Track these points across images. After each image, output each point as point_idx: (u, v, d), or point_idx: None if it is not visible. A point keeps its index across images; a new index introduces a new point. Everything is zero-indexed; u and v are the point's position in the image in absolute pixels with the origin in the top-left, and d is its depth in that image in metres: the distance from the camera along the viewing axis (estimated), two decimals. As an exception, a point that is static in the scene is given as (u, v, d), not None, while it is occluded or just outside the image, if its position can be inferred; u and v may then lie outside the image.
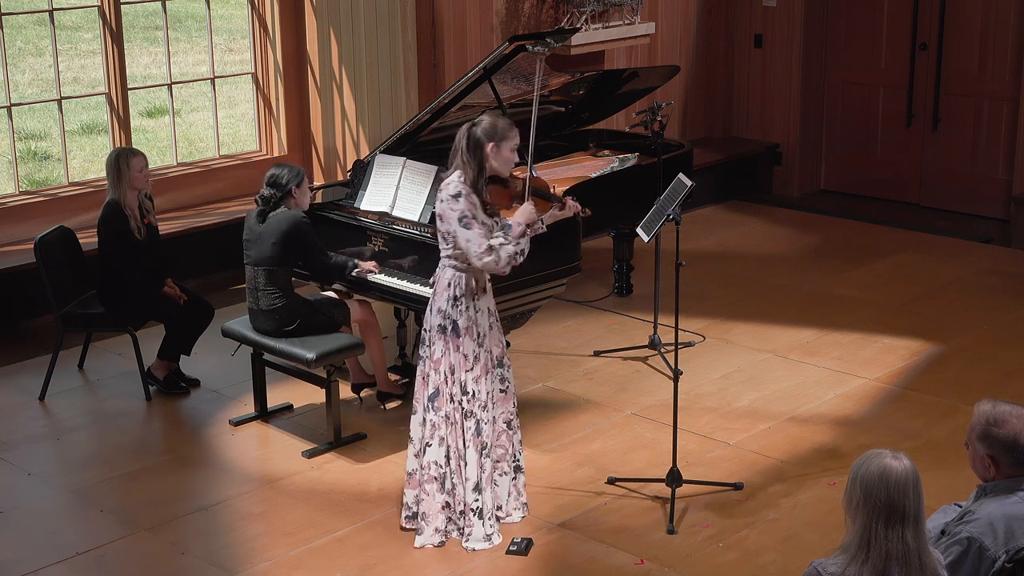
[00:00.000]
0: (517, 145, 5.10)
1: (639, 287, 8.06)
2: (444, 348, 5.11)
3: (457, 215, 4.98)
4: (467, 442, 5.14)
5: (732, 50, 10.59)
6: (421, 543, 5.20)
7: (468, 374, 5.11)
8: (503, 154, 5.04)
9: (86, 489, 5.73)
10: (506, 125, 5.06)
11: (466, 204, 4.98)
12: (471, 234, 4.97)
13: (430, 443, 5.17)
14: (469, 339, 5.10)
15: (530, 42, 6.42)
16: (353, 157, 8.29)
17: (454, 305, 5.09)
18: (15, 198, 7.79)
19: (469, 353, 5.11)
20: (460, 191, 5.00)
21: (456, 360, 5.11)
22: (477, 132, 5.02)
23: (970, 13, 9.57)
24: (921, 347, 7.23)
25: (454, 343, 5.09)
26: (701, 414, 6.41)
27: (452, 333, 5.09)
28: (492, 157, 5.02)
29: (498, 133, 5.02)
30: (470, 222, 4.97)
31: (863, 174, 10.35)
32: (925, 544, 3.33)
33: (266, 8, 8.47)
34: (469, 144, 5.01)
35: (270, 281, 6.02)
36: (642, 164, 7.44)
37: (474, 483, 5.15)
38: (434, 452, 5.17)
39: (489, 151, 5.01)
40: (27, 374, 6.92)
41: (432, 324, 5.15)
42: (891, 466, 3.32)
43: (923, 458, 5.88)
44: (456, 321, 5.09)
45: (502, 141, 5.02)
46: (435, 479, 5.17)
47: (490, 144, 5.00)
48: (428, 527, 5.20)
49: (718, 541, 5.24)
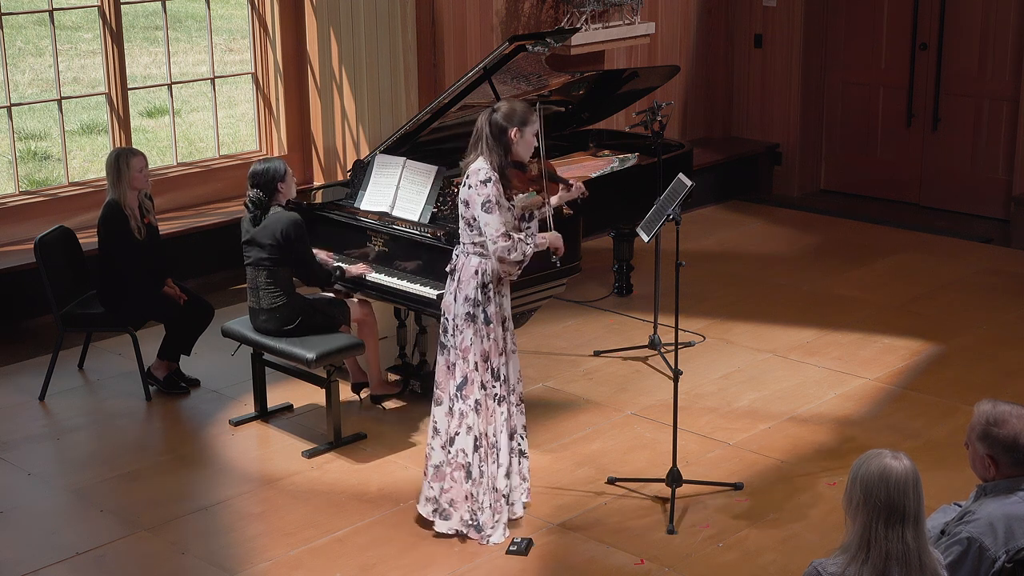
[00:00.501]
0: (538, 129, 5.16)
1: (639, 287, 8.06)
2: (474, 336, 5.15)
3: (482, 199, 5.05)
4: (499, 428, 5.18)
5: (732, 50, 10.59)
6: (445, 529, 5.20)
7: (500, 359, 5.18)
8: (526, 138, 5.12)
9: (86, 489, 5.73)
10: (525, 109, 5.15)
11: (493, 190, 5.06)
12: (491, 218, 5.04)
13: (458, 432, 5.19)
14: (499, 325, 5.17)
15: (530, 42, 6.42)
16: (353, 157, 8.30)
17: (483, 292, 5.14)
18: (15, 198, 7.79)
19: (500, 339, 5.17)
20: (491, 177, 5.07)
21: (489, 347, 5.16)
22: (499, 118, 5.09)
23: (970, 13, 9.57)
24: (921, 347, 7.23)
25: (486, 330, 5.15)
26: (701, 414, 6.41)
27: (483, 321, 5.14)
28: (516, 142, 5.09)
29: (519, 117, 5.10)
30: (492, 207, 5.04)
31: (863, 174, 10.35)
32: (925, 544, 3.33)
33: (266, 8, 8.47)
34: (493, 130, 5.09)
35: (271, 280, 6.03)
36: (642, 164, 7.44)
37: (505, 469, 5.21)
38: (462, 440, 5.19)
39: (513, 136, 5.08)
40: (27, 374, 6.92)
41: (458, 313, 5.17)
42: (891, 466, 3.32)
43: (923, 458, 5.88)
44: (486, 309, 5.14)
45: (524, 125, 5.10)
46: (462, 467, 5.19)
47: (513, 129, 5.08)
48: (456, 513, 5.21)
49: (718, 541, 5.24)
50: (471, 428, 5.18)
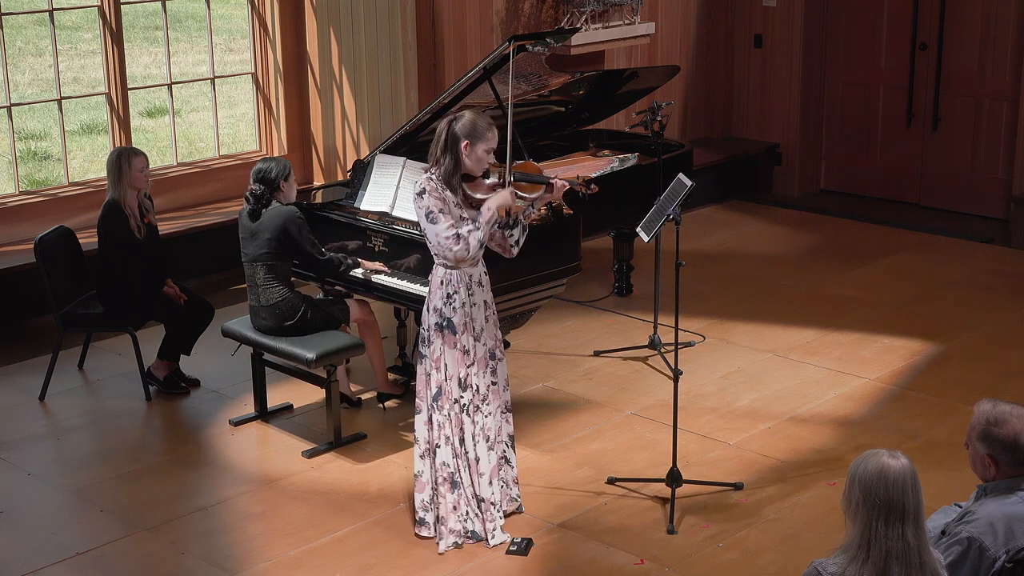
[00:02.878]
0: (492, 148, 5.06)
1: (639, 287, 8.06)
2: (442, 346, 5.12)
3: (424, 211, 5.00)
4: (475, 436, 5.16)
5: (732, 50, 10.59)
6: (444, 548, 5.17)
7: (469, 368, 5.13)
8: (476, 154, 5.02)
9: (86, 489, 5.73)
10: (485, 125, 5.03)
11: (431, 200, 4.98)
12: (437, 228, 4.98)
13: (439, 444, 5.18)
14: (468, 335, 5.12)
15: (530, 42, 6.42)
16: (353, 157, 8.30)
17: (447, 302, 5.10)
18: (15, 198, 7.79)
19: (468, 348, 5.12)
20: (424, 188, 5.01)
21: (452, 358, 5.11)
22: (456, 128, 5.02)
23: (970, 13, 9.57)
24: (921, 347, 7.23)
25: (451, 340, 5.10)
26: (701, 414, 6.41)
27: (448, 330, 5.10)
28: (465, 155, 5.02)
29: (475, 132, 5.00)
30: (436, 216, 4.98)
31: (863, 174, 10.35)
32: (925, 542, 3.33)
33: (266, 8, 8.47)
34: (448, 139, 5.02)
35: (270, 274, 6.03)
36: (642, 164, 7.44)
37: (488, 478, 5.18)
38: (443, 452, 5.17)
39: (464, 149, 5.01)
40: (27, 374, 6.92)
41: (430, 323, 5.15)
42: (889, 465, 3.32)
43: (923, 458, 5.88)
44: (451, 318, 5.10)
45: (477, 141, 5.00)
46: (446, 480, 5.18)
47: (464, 142, 5.00)
48: (447, 530, 5.19)
49: (718, 541, 5.24)
50: (449, 438, 5.17)
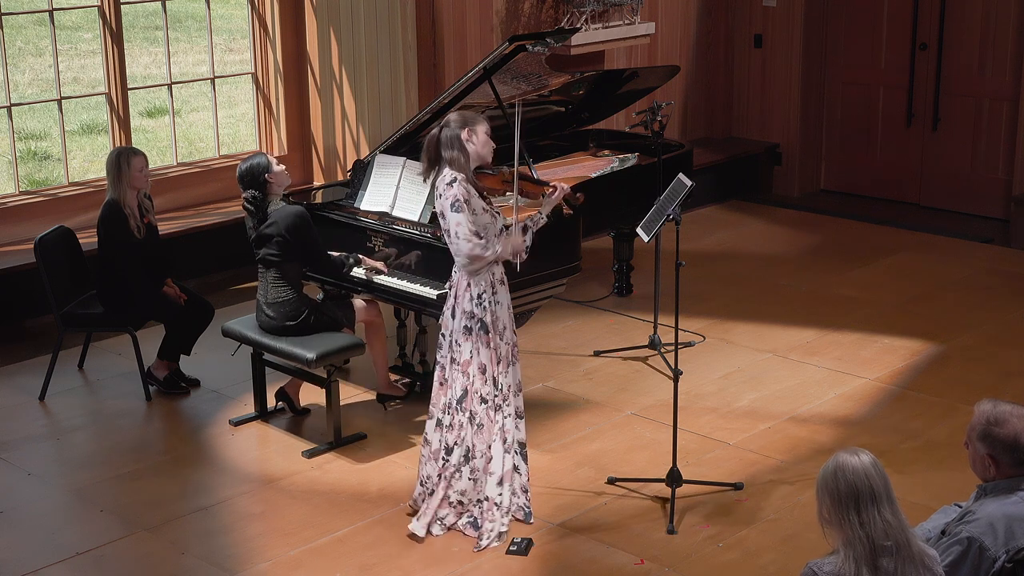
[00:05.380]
0: (489, 129, 5.21)
1: (639, 287, 8.06)
2: (473, 349, 5.15)
3: (450, 200, 5.06)
4: (495, 436, 5.19)
5: (732, 50, 10.59)
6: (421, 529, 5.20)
7: (498, 367, 5.18)
8: (480, 136, 5.15)
9: (86, 489, 5.73)
10: (472, 113, 5.23)
11: (460, 189, 5.06)
12: (460, 217, 5.04)
13: (451, 445, 5.21)
14: (496, 335, 5.17)
15: (530, 42, 6.42)
16: (353, 157, 8.29)
17: (478, 304, 5.14)
18: (15, 198, 7.79)
19: (499, 349, 5.18)
20: (455, 178, 5.09)
21: (487, 357, 5.15)
22: (450, 127, 5.14)
23: (970, 13, 9.57)
24: (921, 347, 7.23)
25: (483, 340, 5.15)
26: (701, 414, 6.41)
27: (480, 331, 5.14)
28: (471, 141, 5.13)
29: (469, 120, 5.17)
30: (461, 206, 5.05)
31: (863, 174, 10.35)
32: (905, 520, 3.34)
33: (266, 8, 8.47)
34: (448, 140, 5.12)
35: (280, 276, 6.04)
36: (642, 164, 7.44)
37: (498, 478, 5.19)
38: (456, 453, 5.22)
39: (466, 136, 5.11)
40: (27, 374, 6.92)
41: (455, 327, 5.18)
42: (846, 460, 3.37)
43: (923, 458, 5.89)
44: (483, 319, 5.14)
45: (475, 125, 5.16)
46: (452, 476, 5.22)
47: (464, 131, 5.12)
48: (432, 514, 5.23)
49: (718, 541, 5.24)
50: (464, 440, 5.19)
